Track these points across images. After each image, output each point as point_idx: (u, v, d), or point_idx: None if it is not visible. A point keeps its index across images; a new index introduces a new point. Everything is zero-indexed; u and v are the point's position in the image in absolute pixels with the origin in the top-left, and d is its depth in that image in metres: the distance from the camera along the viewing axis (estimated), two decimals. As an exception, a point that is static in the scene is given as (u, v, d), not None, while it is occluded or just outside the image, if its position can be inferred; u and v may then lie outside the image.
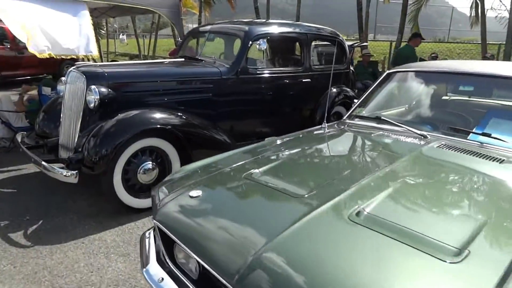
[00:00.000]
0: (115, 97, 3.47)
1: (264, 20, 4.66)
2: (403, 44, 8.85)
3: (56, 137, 3.83)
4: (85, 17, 4.56)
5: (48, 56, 4.45)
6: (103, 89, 3.39)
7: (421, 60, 7.53)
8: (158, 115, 3.45)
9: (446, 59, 10.97)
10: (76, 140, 3.49)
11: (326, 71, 5.10)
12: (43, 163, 3.22)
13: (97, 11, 7.52)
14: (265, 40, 4.07)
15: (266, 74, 4.36)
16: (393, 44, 9.17)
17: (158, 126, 3.33)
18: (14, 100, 5.20)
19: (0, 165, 4.52)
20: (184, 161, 3.60)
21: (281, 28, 4.60)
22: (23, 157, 3.68)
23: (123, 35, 19.03)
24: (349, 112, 2.88)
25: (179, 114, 3.65)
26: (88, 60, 4.62)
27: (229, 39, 4.68)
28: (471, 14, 10.85)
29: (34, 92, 5.19)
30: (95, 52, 4.56)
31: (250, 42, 4.14)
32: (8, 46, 9.97)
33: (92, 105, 3.35)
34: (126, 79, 3.65)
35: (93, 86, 3.34)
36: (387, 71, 3.08)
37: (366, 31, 9.23)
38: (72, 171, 3.07)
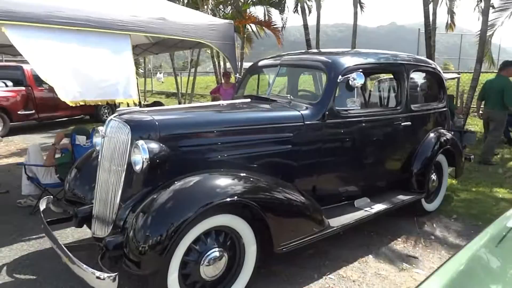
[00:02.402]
0: (169, 155, 2.52)
1: (347, 50, 3.68)
2: (488, 75, 7.70)
3: (90, 204, 2.90)
4: (127, 54, 3.76)
5: (81, 103, 3.63)
6: (154, 145, 2.45)
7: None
8: (227, 181, 2.44)
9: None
10: (115, 212, 2.54)
11: (426, 111, 4.02)
12: (70, 255, 2.24)
13: (138, 48, 6.90)
14: (361, 73, 3.07)
15: (359, 117, 3.33)
16: (466, 75, 7.97)
17: (231, 199, 2.32)
18: (45, 152, 4.41)
19: (22, 232, 3.64)
20: (261, 243, 2.56)
21: (372, 58, 3.60)
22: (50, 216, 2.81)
23: (160, 73, 18.88)
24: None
25: (253, 177, 2.64)
26: (140, 105, 3.74)
27: (308, 73, 3.73)
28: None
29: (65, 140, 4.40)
30: (135, 96, 3.71)
31: (340, 77, 3.15)
32: (47, 88, 9.60)
33: (139, 167, 2.41)
34: (183, 129, 2.70)
35: (140, 142, 2.41)
36: None
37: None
38: (110, 274, 2.07)
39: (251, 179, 2.61)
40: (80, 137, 4.15)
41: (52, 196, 3.13)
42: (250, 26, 10.76)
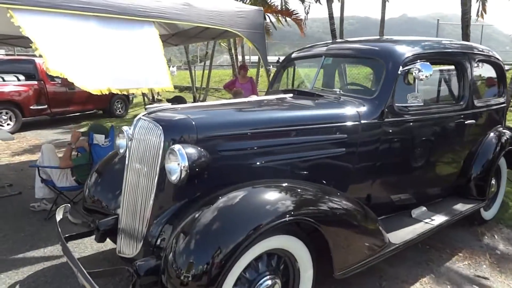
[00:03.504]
0: (209, 161, 2.11)
1: (399, 37, 3.21)
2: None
3: (113, 215, 2.52)
4: (155, 41, 3.34)
5: (107, 92, 3.21)
6: (192, 150, 2.04)
7: None
8: (277, 196, 2.01)
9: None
10: (146, 226, 2.15)
11: (488, 107, 3.54)
12: (94, 285, 1.84)
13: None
14: (428, 64, 2.61)
15: (421, 115, 2.87)
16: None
17: (288, 218, 1.89)
18: (59, 149, 4.03)
19: (35, 242, 3.28)
20: (319, 266, 2.15)
21: (433, 47, 3.12)
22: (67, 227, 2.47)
23: (173, 67, 18.49)
24: None
25: (305, 187, 2.21)
26: (154, 98, 3.33)
27: (360, 63, 3.27)
28: None
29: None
30: (168, 85, 3.29)
31: (401, 68, 2.69)
32: (59, 82, 9.28)
33: (176, 176, 2.00)
34: (223, 129, 2.28)
35: (177, 146, 2.00)
36: None
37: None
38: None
39: (304, 190, 2.18)
40: (98, 136, 3.77)
41: (69, 205, 2.74)
42: (268, 16, 10.25)
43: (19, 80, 8.89)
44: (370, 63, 3.09)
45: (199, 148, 2.10)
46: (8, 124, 8.61)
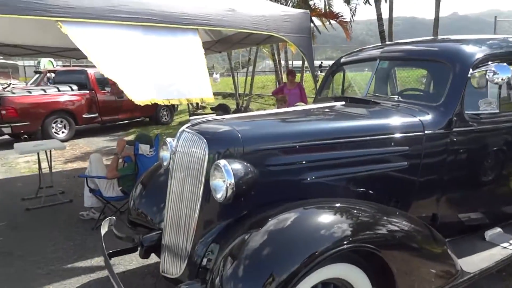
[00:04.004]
0: (256, 177, 1.95)
1: (465, 36, 2.86)
2: None
3: (158, 230, 2.43)
4: (198, 50, 3.27)
5: (150, 103, 3.19)
6: (239, 166, 1.88)
7: None
8: (332, 218, 1.79)
9: None
10: (191, 243, 2.02)
11: None
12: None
13: (200, 46, 6.48)
14: (505, 65, 2.27)
15: (496, 123, 2.53)
16: None
17: (346, 246, 1.67)
18: (107, 157, 4.08)
19: (83, 252, 3.30)
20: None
21: (505, 46, 2.76)
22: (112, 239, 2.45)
23: (216, 73, 18.72)
24: None
25: (361, 207, 1.97)
26: (199, 105, 3.25)
27: (419, 66, 2.98)
28: None
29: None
30: (210, 95, 3.20)
31: (471, 71, 2.38)
32: (109, 91, 9.65)
33: (221, 195, 1.86)
34: (271, 142, 2.10)
35: (222, 162, 1.85)
36: None
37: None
38: None
39: (360, 211, 1.94)
40: (143, 146, 3.75)
41: (114, 218, 2.70)
42: (312, 20, 9.97)
43: (72, 90, 9.34)
44: (431, 65, 2.78)
45: (245, 163, 1.94)
46: (62, 132, 9.05)
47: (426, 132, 2.33)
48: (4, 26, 4.66)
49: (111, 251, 2.39)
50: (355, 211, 1.91)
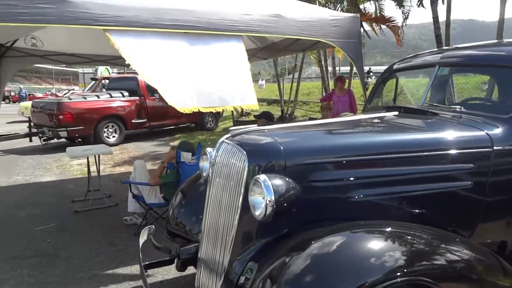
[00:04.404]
0: (299, 194, 1.79)
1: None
2: None
3: (195, 242, 2.35)
4: (241, 56, 3.20)
5: (191, 111, 3.17)
6: (280, 182, 1.74)
7: None
8: (381, 245, 1.58)
9: None
10: (228, 258, 1.91)
11: None
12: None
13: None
14: None
15: None
16: None
17: (400, 279, 1.47)
18: (152, 161, 4.11)
19: (123, 259, 3.31)
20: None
21: None
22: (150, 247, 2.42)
23: (262, 80, 18.76)
24: None
25: (417, 233, 1.74)
26: (243, 111, 3.17)
27: (486, 73, 2.68)
28: None
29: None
30: (254, 102, 3.11)
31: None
32: (157, 97, 9.94)
33: (260, 212, 1.72)
34: (316, 156, 1.94)
35: (262, 177, 1.72)
36: None
37: None
38: None
39: (415, 237, 1.71)
40: (185, 154, 3.73)
41: (153, 226, 2.66)
42: (362, 25, 9.63)
43: (123, 96, 9.73)
44: (497, 71, 2.47)
45: (287, 179, 1.79)
46: (113, 136, 9.45)
47: (495, 148, 2.04)
48: (61, 36, 4.91)
49: (147, 263, 2.34)
50: (409, 237, 1.69)
